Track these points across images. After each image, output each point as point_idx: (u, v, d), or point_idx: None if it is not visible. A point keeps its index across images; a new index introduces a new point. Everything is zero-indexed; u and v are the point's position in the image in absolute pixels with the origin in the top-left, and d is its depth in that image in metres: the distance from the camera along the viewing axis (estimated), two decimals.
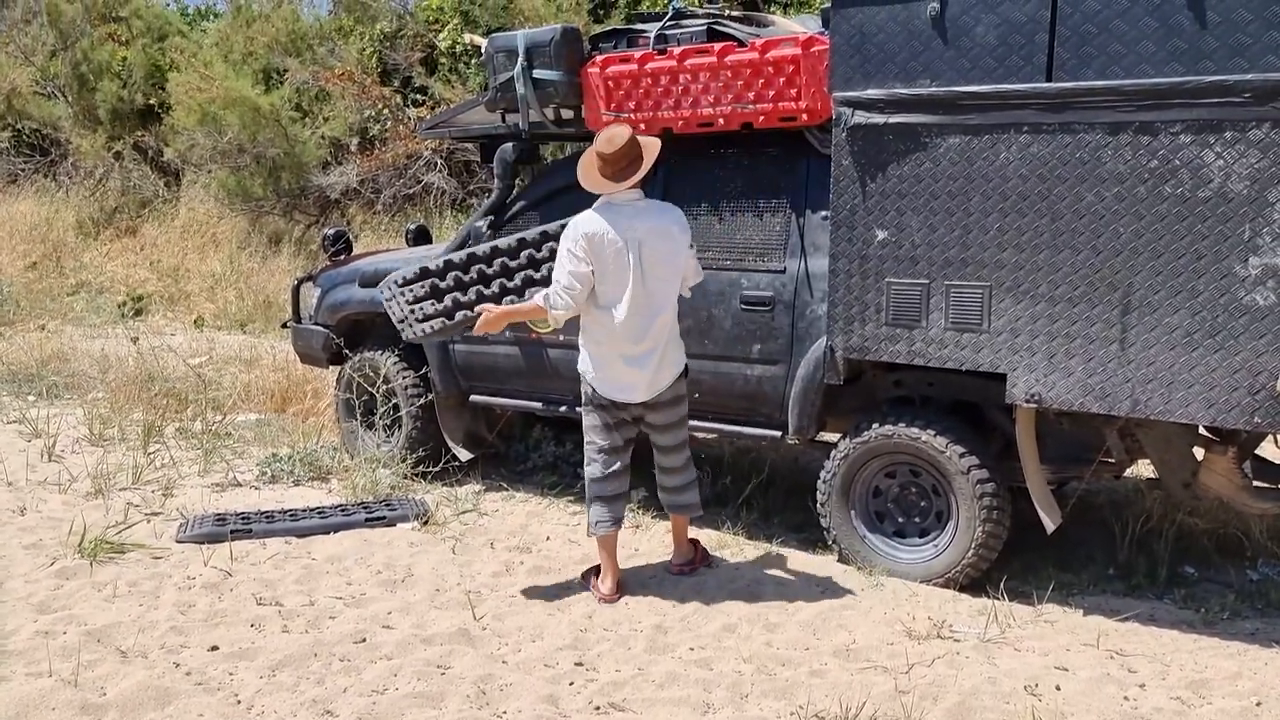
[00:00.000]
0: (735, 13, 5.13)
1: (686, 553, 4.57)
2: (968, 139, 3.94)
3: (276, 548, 4.75)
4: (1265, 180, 3.46)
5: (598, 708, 3.40)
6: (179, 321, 10.87)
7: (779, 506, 5.31)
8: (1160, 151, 3.61)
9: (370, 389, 5.85)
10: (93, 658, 3.62)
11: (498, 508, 5.44)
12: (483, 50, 5.35)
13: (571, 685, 3.55)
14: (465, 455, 5.78)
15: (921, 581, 4.34)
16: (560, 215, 5.27)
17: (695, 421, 4.66)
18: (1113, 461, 4.32)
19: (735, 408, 4.83)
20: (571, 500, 5.50)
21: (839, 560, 4.60)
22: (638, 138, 4.16)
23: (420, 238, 6.75)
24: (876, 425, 4.40)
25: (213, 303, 11.16)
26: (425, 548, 4.80)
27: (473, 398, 5.69)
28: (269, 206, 13.00)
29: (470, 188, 12.09)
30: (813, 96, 4.39)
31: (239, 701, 3.39)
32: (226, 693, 3.44)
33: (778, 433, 4.76)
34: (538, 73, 5.06)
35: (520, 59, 5.07)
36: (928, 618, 4.02)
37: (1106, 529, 4.83)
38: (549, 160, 8.38)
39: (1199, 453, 4.23)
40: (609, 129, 4.20)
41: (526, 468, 6.07)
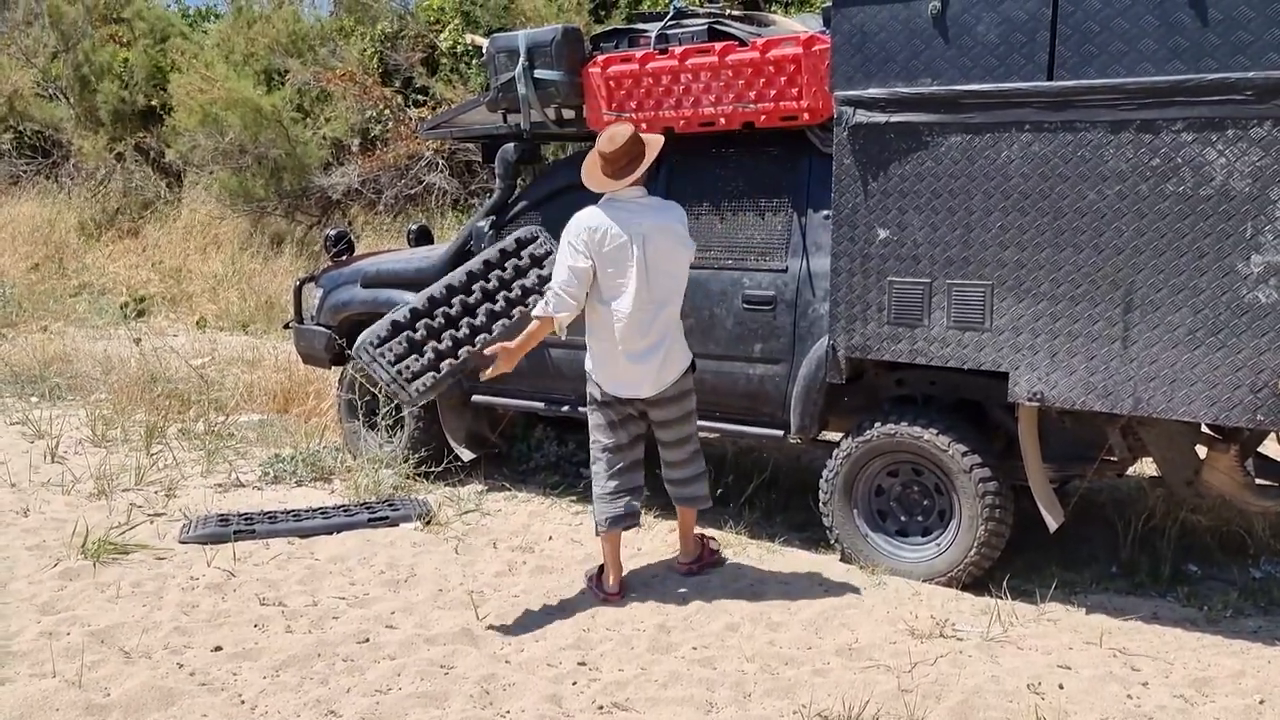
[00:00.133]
0: (736, 12, 5.14)
1: (693, 550, 4.54)
2: (969, 138, 3.94)
3: (280, 548, 4.76)
4: (1267, 178, 3.45)
5: (601, 707, 3.40)
6: (181, 322, 10.87)
7: (781, 506, 5.31)
8: (1162, 150, 3.61)
9: (373, 389, 5.86)
10: (96, 658, 3.62)
11: (500, 508, 5.44)
12: (484, 50, 5.36)
13: (575, 685, 3.55)
14: (468, 455, 5.78)
15: (924, 580, 4.34)
16: (562, 215, 5.28)
17: (697, 421, 4.66)
18: (1115, 460, 4.31)
19: (737, 407, 4.83)
20: (574, 500, 5.51)
21: (842, 559, 4.60)
22: (640, 135, 4.17)
23: (422, 238, 6.77)
24: (879, 424, 4.40)
25: (215, 304, 11.16)
26: (428, 548, 4.80)
27: (475, 398, 5.69)
28: (271, 207, 13.01)
29: (472, 188, 12.09)
30: (814, 96, 4.39)
31: (243, 702, 3.40)
32: (230, 693, 3.44)
33: (780, 432, 4.76)
34: (539, 73, 5.06)
35: (521, 59, 5.08)
36: (930, 617, 4.02)
37: (1109, 527, 4.83)
38: (550, 160, 8.38)
39: (1201, 451, 4.22)
40: (611, 128, 4.20)
41: (529, 468, 6.07)
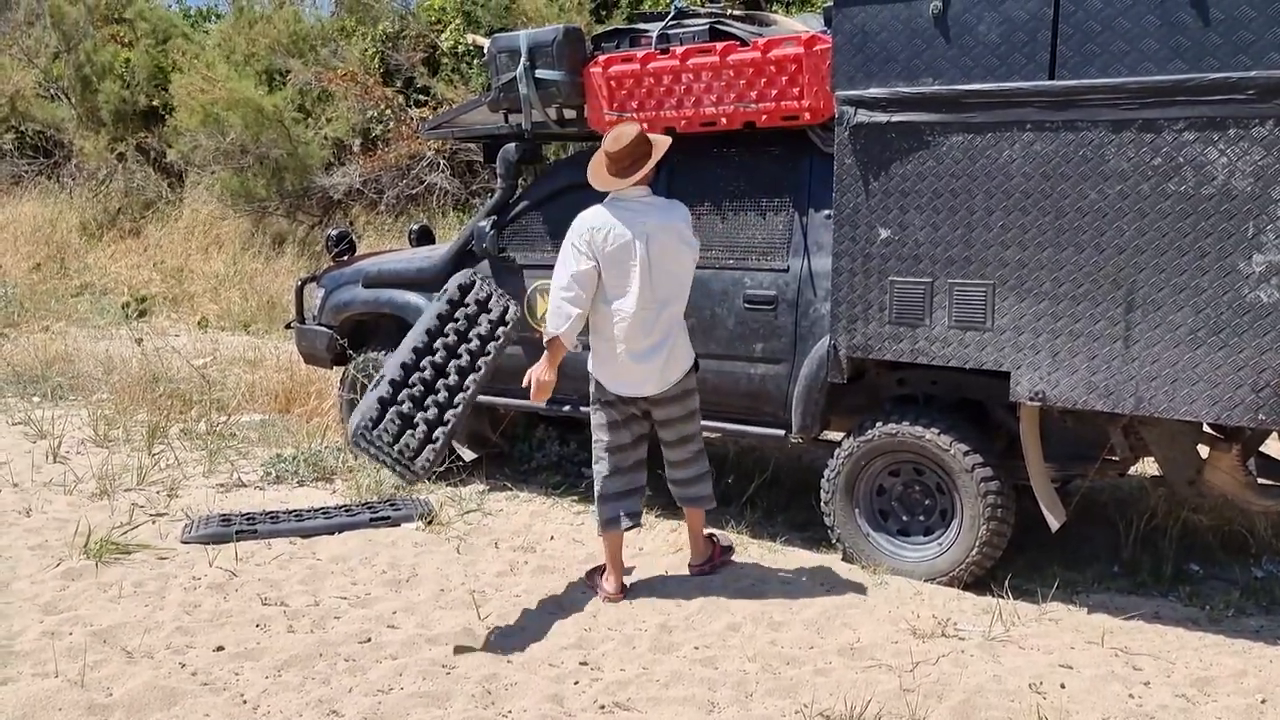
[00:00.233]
0: (737, 12, 5.14)
1: (704, 551, 4.54)
2: (971, 137, 3.94)
3: (281, 548, 4.76)
4: (1269, 177, 3.45)
5: (603, 707, 3.40)
6: (183, 322, 10.88)
7: (783, 505, 5.31)
8: (1163, 149, 3.61)
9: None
10: (99, 658, 3.63)
11: (502, 507, 5.45)
12: (485, 50, 5.36)
13: (576, 684, 3.55)
14: (469, 455, 5.78)
15: (926, 580, 4.34)
16: (563, 214, 5.28)
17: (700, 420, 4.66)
18: (1117, 459, 4.31)
19: (739, 407, 4.83)
20: (575, 500, 5.51)
21: (843, 559, 4.60)
22: (647, 135, 4.18)
23: (423, 238, 6.77)
24: (880, 424, 4.40)
25: (216, 304, 11.17)
26: (430, 548, 4.81)
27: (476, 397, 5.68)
28: (272, 207, 13.01)
29: (473, 188, 12.09)
30: (815, 95, 4.39)
31: (245, 701, 3.40)
32: (232, 693, 3.45)
33: (781, 431, 4.76)
34: (540, 73, 5.06)
35: (523, 59, 5.08)
36: (932, 616, 4.02)
37: (1111, 527, 4.83)
38: (552, 160, 8.38)
39: (1203, 450, 4.22)
40: (617, 127, 4.21)
41: (530, 467, 6.07)
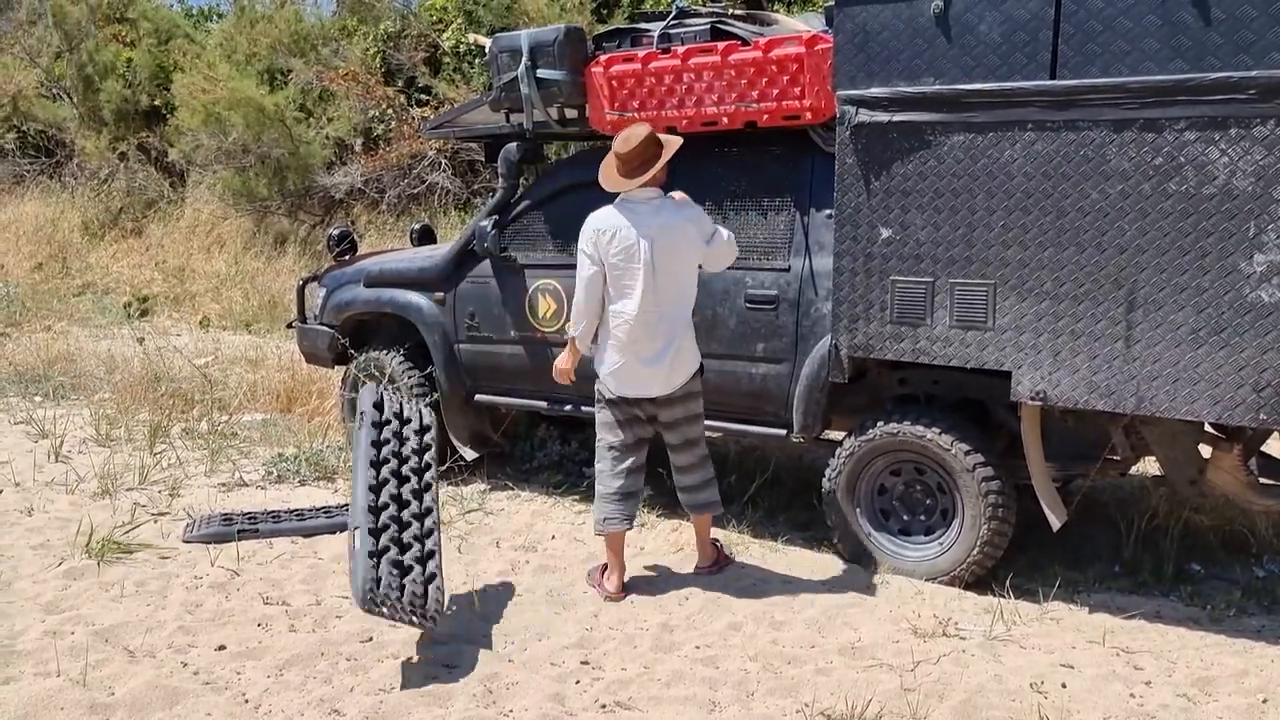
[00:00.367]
0: (739, 11, 5.13)
1: (711, 555, 4.55)
2: (972, 137, 3.94)
3: (283, 547, 4.77)
4: (1270, 177, 3.45)
5: (604, 706, 3.41)
6: (185, 322, 10.88)
7: (784, 505, 5.32)
8: (1165, 149, 3.60)
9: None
10: (101, 657, 3.63)
11: (503, 507, 5.45)
12: (486, 50, 5.36)
13: (578, 684, 3.56)
14: (471, 454, 5.78)
15: (927, 579, 4.34)
16: (564, 214, 5.30)
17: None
18: (1118, 459, 4.31)
19: (740, 406, 4.83)
20: (577, 499, 5.51)
21: (844, 558, 4.61)
22: (657, 135, 4.19)
23: (425, 237, 6.78)
24: (881, 423, 4.40)
25: (218, 303, 11.18)
26: None
27: (478, 397, 5.69)
28: (274, 207, 13.02)
29: (475, 187, 12.09)
30: (817, 95, 4.39)
31: (247, 700, 3.40)
32: (234, 692, 3.45)
33: (783, 431, 4.76)
34: (542, 72, 5.06)
35: (524, 59, 5.08)
36: (933, 615, 4.02)
37: (1112, 526, 4.83)
38: (553, 160, 8.38)
39: (1204, 450, 4.22)
40: (628, 128, 4.24)
41: (532, 467, 6.07)
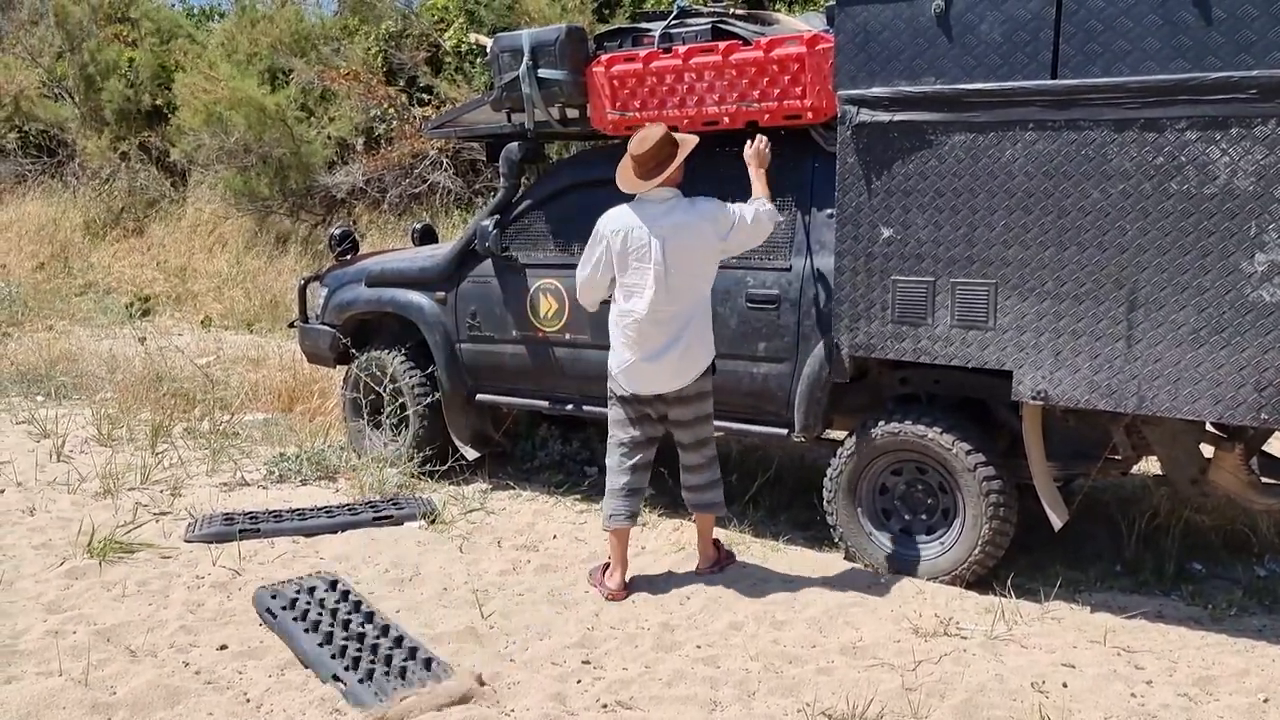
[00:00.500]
0: (740, 11, 5.13)
1: (713, 556, 4.55)
2: (973, 136, 3.94)
3: (284, 547, 4.77)
4: (1271, 177, 3.45)
5: (605, 705, 3.41)
6: (186, 321, 10.90)
7: (785, 504, 5.32)
8: (1166, 148, 3.60)
9: (377, 388, 5.87)
10: (102, 657, 3.63)
11: (504, 506, 5.45)
12: (488, 50, 5.36)
13: (579, 683, 3.56)
14: (472, 454, 5.78)
15: (928, 579, 4.34)
16: (565, 213, 5.30)
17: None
18: (1119, 458, 4.31)
19: (741, 406, 4.83)
20: (578, 499, 5.51)
21: (846, 558, 4.61)
22: (673, 135, 4.20)
23: (426, 237, 6.78)
24: (883, 423, 4.40)
25: (220, 303, 11.19)
26: (432, 546, 4.81)
27: (479, 396, 5.69)
28: (275, 206, 13.03)
29: (476, 187, 12.09)
30: (818, 95, 4.39)
31: (248, 700, 3.40)
32: (236, 691, 3.45)
33: (784, 430, 4.76)
34: (543, 72, 5.06)
35: (525, 58, 5.08)
36: (934, 615, 4.02)
37: (1113, 526, 4.83)
38: (554, 159, 8.39)
39: (1206, 450, 4.22)
40: (644, 129, 4.25)
41: (533, 466, 6.07)
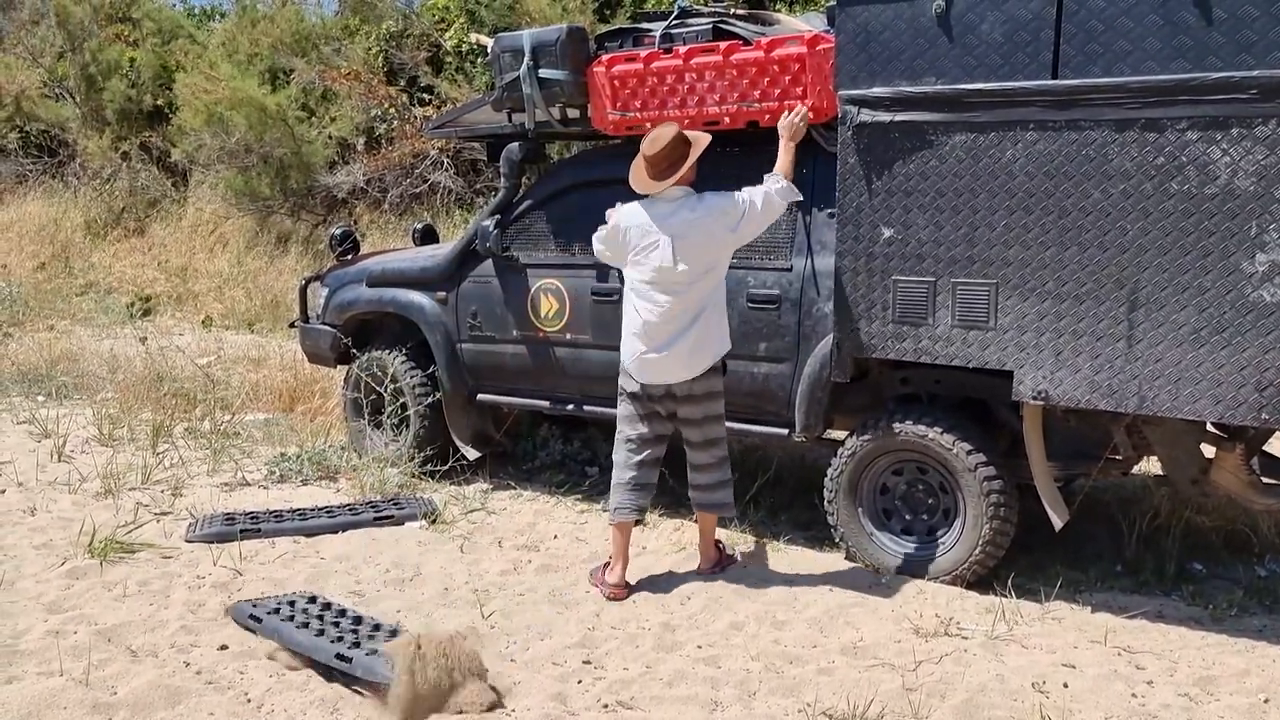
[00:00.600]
0: (741, 11, 5.13)
1: (714, 557, 4.56)
2: (974, 136, 3.94)
3: (285, 547, 4.77)
4: (1272, 177, 3.45)
5: (606, 705, 3.41)
6: (187, 321, 10.90)
7: (786, 504, 5.32)
8: (1167, 148, 3.60)
9: (378, 388, 5.87)
10: (103, 657, 3.63)
11: (505, 506, 5.45)
12: (489, 50, 5.36)
13: (580, 683, 3.56)
14: (473, 454, 5.78)
15: (929, 579, 4.34)
16: (566, 214, 5.31)
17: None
18: (1120, 458, 4.31)
19: (742, 406, 4.83)
20: (579, 499, 5.52)
21: (846, 558, 4.61)
22: (685, 135, 4.20)
23: (427, 237, 6.79)
24: (883, 423, 4.40)
25: (220, 302, 11.19)
26: (433, 546, 4.81)
27: (480, 396, 5.70)
28: (276, 206, 13.02)
29: (477, 187, 12.09)
30: (818, 95, 4.39)
31: (249, 700, 3.41)
32: (236, 691, 3.45)
33: (785, 430, 4.76)
34: (544, 72, 5.06)
35: (526, 58, 5.08)
36: (935, 615, 4.02)
37: (1114, 526, 4.82)
38: (555, 159, 8.39)
39: (1207, 450, 4.22)
40: (656, 129, 4.26)
41: (534, 466, 6.07)
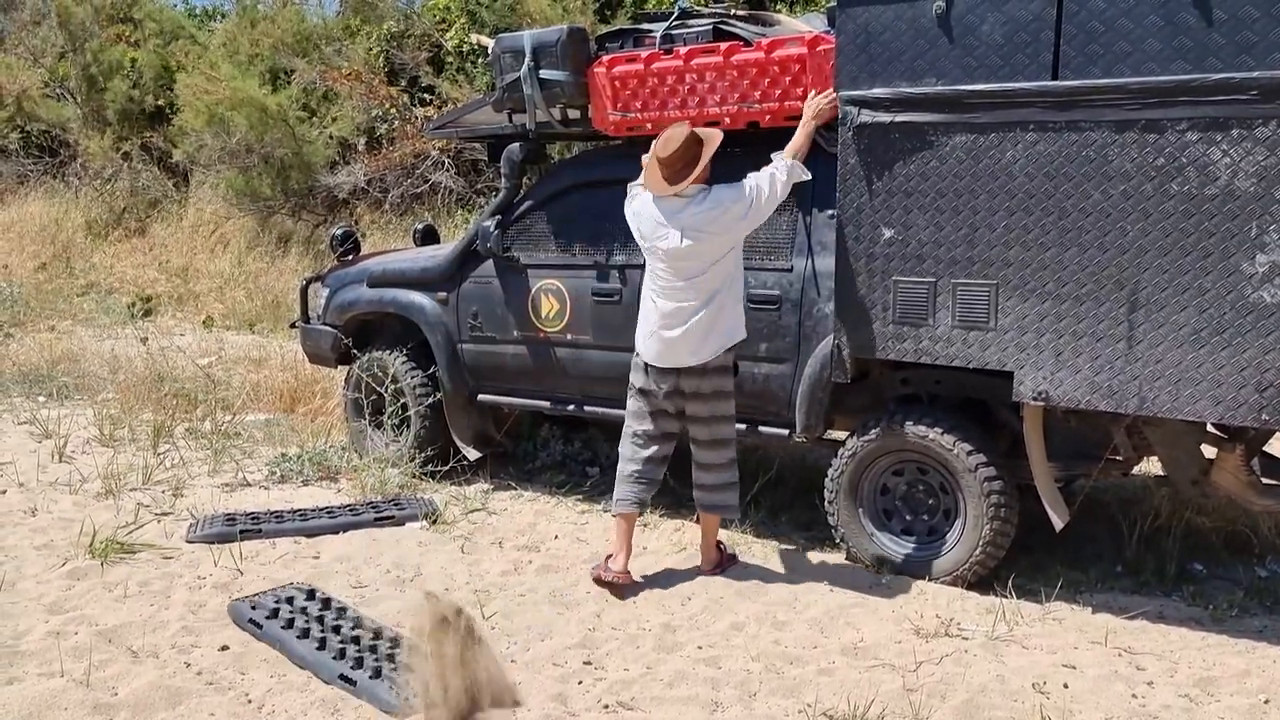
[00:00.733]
0: (741, 12, 5.14)
1: (714, 558, 4.56)
2: (974, 137, 3.94)
3: (286, 547, 4.77)
4: (1272, 178, 3.45)
5: (606, 706, 3.41)
6: (188, 322, 10.89)
7: (786, 505, 5.32)
8: (1167, 149, 3.60)
9: (379, 388, 5.87)
10: (104, 658, 3.64)
11: (506, 507, 5.45)
12: (489, 50, 5.36)
13: (580, 684, 3.56)
14: (473, 454, 5.78)
15: (929, 579, 4.35)
16: (567, 214, 5.31)
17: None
18: (1120, 459, 4.31)
19: (742, 406, 4.81)
20: (580, 499, 5.52)
21: (847, 558, 4.61)
22: (697, 133, 4.20)
23: (428, 237, 6.79)
24: (884, 423, 4.41)
25: (221, 303, 11.18)
26: (434, 547, 4.81)
27: (481, 397, 5.70)
28: (277, 206, 13.03)
29: (478, 187, 12.09)
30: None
31: (249, 701, 3.41)
32: (237, 692, 3.46)
33: (785, 431, 4.77)
34: (544, 73, 5.07)
35: (527, 59, 5.08)
36: (935, 616, 4.02)
37: (1114, 527, 4.83)
38: (556, 160, 8.39)
39: (1207, 450, 4.22)
40: (668, 130, 4.26)
41: (534, 466, 6.08)
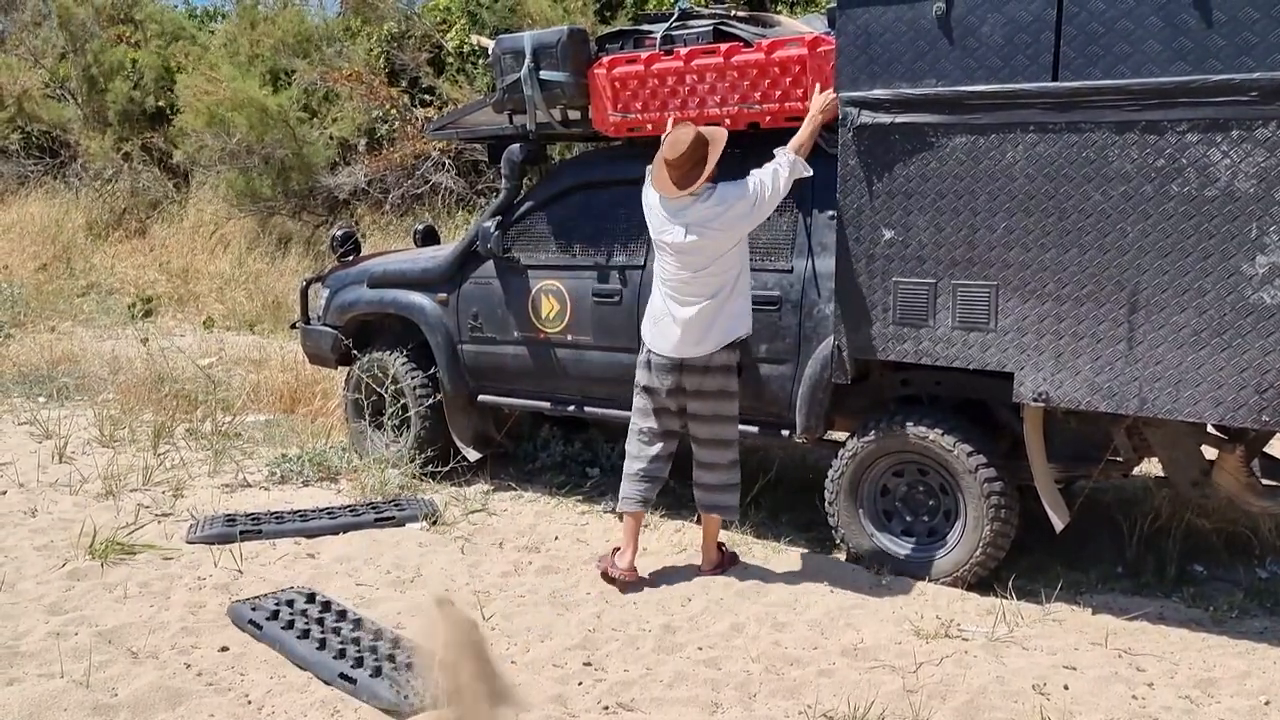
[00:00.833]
0: (741, 13, 5.14)
1: (715, 559, 4.56)
2: (974, 138, 3.94)
3: (286, 548, 4.77)
4: (1272, 179, 3.45)
5: (606, 707, 3.41)
6: (188, 322, 10.89)
7: (787, 505, 5.32)
8: (1167, 150, 3.60)
9: (379, 389, 5.87)
10: (104, 659, 3.64)
11: (506, 507, 5.45)
12: (490, 51, 5.36)
13: (580, 685, 3.56)
14: (474, 455, 5.78)
15: (929, 580, 4.35)
16: (567, 215, 5.31)
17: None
18: (1121, 460, 4.31)
19: (743, 407, 4.82)
20: (580, 500, 5.52)
21: (847, 559, 4.61)
22: (704, 135, 4.20)
23: (428, 238, 6.79)
24: (884, 424, 4.41)
25: (222, 303, 11.18)
26: (434, 548, 4.81)
27: (481, 397, 5.70)
28: (277, 207, 13.02)
29: (478, 188, 12.09)
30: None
31: (249, 702, 3.41)
32: (237, 693, 3.46)
33: (785, 432, 4.77)
34: (545, 74, 5.07)
35: (527, 60, 5.08)
36: (936, 617, 4.02)
37: (1115, 527, 4.82)
38: (556, 160, 8.39)
39: (1208, 451, 4.22)
40: (675, 131, 4.26)
41: (535, 467, 6.08)
